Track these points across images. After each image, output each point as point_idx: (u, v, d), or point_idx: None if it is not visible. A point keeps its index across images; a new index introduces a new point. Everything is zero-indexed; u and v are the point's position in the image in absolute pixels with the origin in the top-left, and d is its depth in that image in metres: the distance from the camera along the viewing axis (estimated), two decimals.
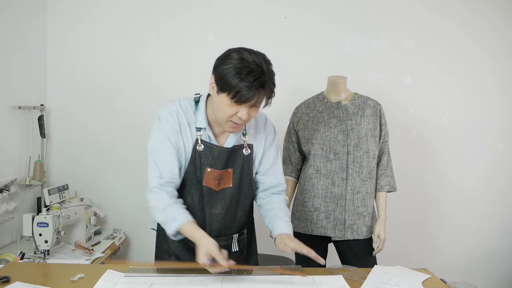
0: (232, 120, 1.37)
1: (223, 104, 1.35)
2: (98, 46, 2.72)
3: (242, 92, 1.29)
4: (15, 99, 2.44)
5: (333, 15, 2.71)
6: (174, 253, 1.56)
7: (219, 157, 1.47)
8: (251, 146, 1.53)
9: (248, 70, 1.28)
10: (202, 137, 1.46)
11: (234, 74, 1.28)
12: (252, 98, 1.31)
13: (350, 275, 1.49)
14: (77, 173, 2.75)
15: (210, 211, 1.50)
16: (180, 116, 1.46)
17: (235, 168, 1.51)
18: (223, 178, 1.50)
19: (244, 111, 1.34)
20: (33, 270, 1.54)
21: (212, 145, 1.47)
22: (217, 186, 1.49)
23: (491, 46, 2.73)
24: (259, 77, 1.29)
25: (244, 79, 1.28)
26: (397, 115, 2.69)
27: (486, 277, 2.84)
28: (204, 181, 1.47)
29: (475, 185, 2.80)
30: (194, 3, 2.70)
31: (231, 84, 1.29)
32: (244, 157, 1.52)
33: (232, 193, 1.52)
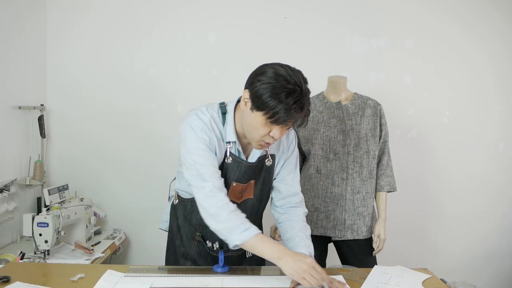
0: (264, 140, 1.32)
1: (257, 123, 1.29)
2: (98, 46, 2.72)
3: (280, 114, 1.23)
4: (15, 99, 2.44)
5: (333, 15, 2.71)
6: (192, 257, 1.55)
7: (246, 173, 1.44)
8: (273, 157, 1.49)
9: (287, 91, 1.22)
10: (231, 150, 1.41)
11: (273, 94, 1.22)
12: (290, 120, 1.25)
13: (350, 275, 1.49)
14: (77, 173, 2.75)
15: None
16: (213, 127, 1.39)
17: (257, 179, 1.49)
18: (246, 190, 1.49)
19: (278, 131, 1.29)
20: (33, 270, 1.53)
21: (241, 160, 1.43)
22: (239, 199, 1.48)
23: (491, 46, 2.73)
24: (299, 99, 1.23)
25: (283, 101, 1.22)
26: (397, 115, 2.69)
27: (486, 277, 2.84)
28: (229, 194, 1.40)
29: (475, 185, 2.80)
30: (194, 3, 2.70)
31: (269, 105, 1.23)
32: (266, 168, 1.49)
33: (253, 204, 1.52)
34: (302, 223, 1.50)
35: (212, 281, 1.38)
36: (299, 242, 1.41)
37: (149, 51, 2.73)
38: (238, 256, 1.59)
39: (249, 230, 1.30)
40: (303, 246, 1.39)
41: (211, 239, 1.53)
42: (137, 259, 2.84)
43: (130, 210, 2.77)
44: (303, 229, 1.48)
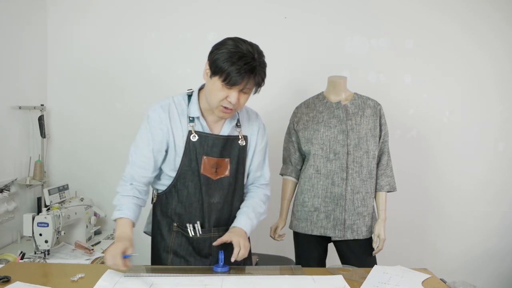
0: (222, 104, 1.43)
1: (214, 88, 1.41)
2: (98, 46, 2.72)
3: (232, 75, 1.36)
4: (15, 99, 2.44)
5: (333, 15, 2.71)
6: (172, 249, 1.58)
7: (214, 145, 1.52)
8: (246, 138, 1.59)
9: (239, 55, 1.36)
10: (196, 128, 1.51)
11: (227, 58, 1.36)
12: (241, 81, 1.37)
13: (350, 275, 1.49)
14: (77, 173, 2.74)
15: (209, 200, 1.53)
16: (171, 109, 1.53)
17: (231, 158, 1.55)
18: (220, 166, 1.53)
19: (234, 95, 1.40)
20: (33, 270, 1.54)
21: (207, 134, 1.51)
22: (215, 175, 1.53)
23: (491, 46, 2.73)
24: (250, 62, 1.36)
25: (235, 63, 1.36)
26: (397, 115, 2.69)
27: (486, 277, 2.84)
28: (202, 170, 1.51)
29: (475, 185, 2.80)
30: (194, 3, 2.70)
31: (223, 68, 1.37)
32: (240, 147, 1.57)
33: (230, 182, 1.56)
34: (257, 200, 1.62)
35: (212, 281, 1.38)
36: (244, 212, 1.56)
37: (149, 51, 2.73)
38: None
39: (118, 212, 1.50)
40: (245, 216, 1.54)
41: (190, 221, 1.55)
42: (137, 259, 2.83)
43: None
44: (255, 205, 1.59)
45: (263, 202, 1.63)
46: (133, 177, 1.52)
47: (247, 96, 1.46)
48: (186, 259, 1.57)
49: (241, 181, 1.61)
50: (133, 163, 1.53)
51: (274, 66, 2.69)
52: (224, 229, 1.57)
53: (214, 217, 1.55)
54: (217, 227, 1.56)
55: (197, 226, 1.54)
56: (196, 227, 1.54)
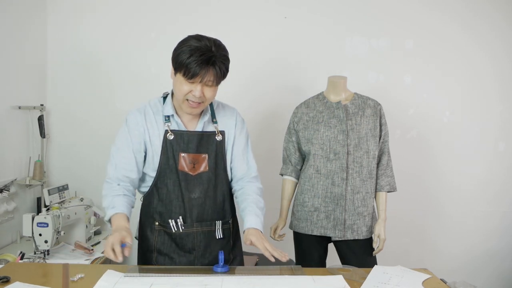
0: (188, 98, 1.48)
1: (178, 83, 1.47)
2: (98, 46, 2.72)
3: (190, 67, 1.42)
4: (15, 99, 2.44)
5: (333, 15, 2.71)
6: (155, 247, 1.61)
7: (190, 141, 1.55)
8: (223, 133, 1.61)
9: (197, 49, 1.43)
10: (171, 127, 1.55)
11: (185, 53, 1.43)
12: (199, 73, 1.42)
13: (350, 275, 1.49)
14: (77, 173, 2.74)
15: (189, 195, 1.55)
16: (146, 111, 1.58)
17: (209, 153, 1.57)
18: (198, 162, 1.56)
19: (197, 88, 1.45)
20: (33, 270, 1.54)
21: (183, 132, 1.55)
22: (193, 170, 1.55)
23: (491, 46, 2.73)
24: (206, 53, 1.42)
25: (192, 55, 1.42)
26: (397, 115, 2.69)
27: (486, 277, 2.84)
28: (179, 166, 1.54)
29: (475, 185, 2.80)
30: (194, 3, 2.70)
31: (182, 62, 1.43)
32: (217, 142, 1.59)
33: (209, 177, 1.57)
34: (255, 195, 1.61)
35: (212, 281, 1.38)
36: (250, 211, 1.54)
37: (149, 51, 2.73)
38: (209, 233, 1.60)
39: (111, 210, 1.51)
40: (253, 214, 1.53)
41: (173, 217, 1.56)
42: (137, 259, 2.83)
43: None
44: (255, 201, 1.59)
45: (260, 196, 1.64)
46: (119, 178, 1.55)
47: (212, 88, 1.49)
48: (170, 256, 1.59)
49: (223, 175, 1.61)
50: (115, 165, 1.57)
51: (274, 66, 2.73)
52: (208, 223, 1.58)
53: (195, 212, 1.56)
54: (200, 221, 1.57)
55: (179, 221, 1.56)
56: (179, 222, 1.56)
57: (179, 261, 1.58)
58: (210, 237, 1.59)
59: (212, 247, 1.59)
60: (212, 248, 1.59)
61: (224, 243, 1.62)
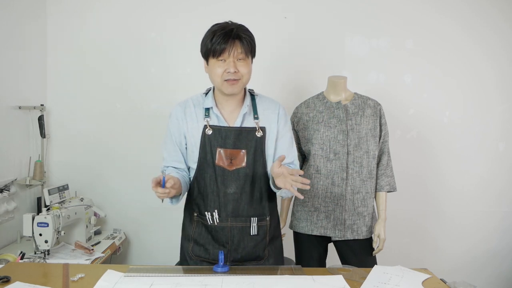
0: (224, 78, 1.51)
1: (212, 68, 1.53)
2: (98, 46, 2.72)
3: (215, 46, 1.48)
4: (15, 99, 2.44)
5: (333, 15, 2.71)
6: (193, 237, 1.64)
7: (227, 137, 1.56)
8: (263, 129, 1.60)
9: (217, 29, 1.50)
10: (211, 122, 1.58)
11: (208, 37, 1.51)
12: (225, 47, 1.48)
13: (350, 275, 1.49)
14: (77, 173, 2.74)
15: (225, 190, 1.57)
16: (187, 104, 1.63)
17: (248, 149, 1.58)
18: (235, 158, 1.57)
19: (231, 64, 1.49)
20: (33, 270, 1.54)
21: (221, 127, 1.58)
22: (230, 166, 1.57)
23: (491, 46, 2.73)
24: (226, 29, 1.49)
25: (215, 35, 1.49)
26: (397, 115, 2.69)
27: (486, 277, 2.84)
28: (216, 161, 1.56)
29: (475, 185, 2.80)
30: (194, 3, 2.70)
31: (208, 46, 1.50)
32: (257, 139, 1.58)
33: (246, 173, 1.58)
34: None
35: (212, 281, 1.38)
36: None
37: (149, 51, 2.73)
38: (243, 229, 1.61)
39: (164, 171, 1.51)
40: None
41: (209, 210, 1.59)
42: (137, 259, 2.84)
43: (130, 210, 2.77)
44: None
45: None
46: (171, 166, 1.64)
47: (245, 63, 1.53)
48: (205, 248, 1.61)
49: (261, 172, 1.60)
50: (165, 159, 1.66)
51: (274, 66, 2.73)
52: (243, 219, 1.59)
53: (230, 206, 1.58)
54: (235, 217, 1.58)
55: (215, 214, 1.58)
56: (214, 215, 1.58)
57: (213, 252, 1.59)
58: (244, 232, 1.59)
59: (246, 242, 1.60)
60: (246, 243, 1.60)
61: (258, 240, 1.62)
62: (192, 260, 1.63)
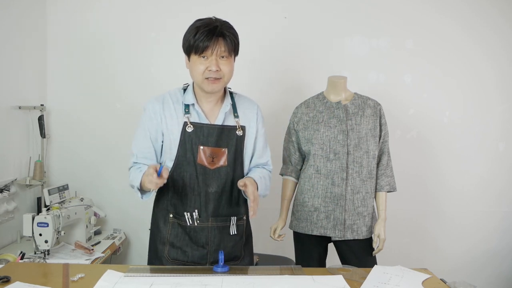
0: (205, 76, 1.48)
1: (193, 64, 1.50)
2: (98, 46, 2.72)
3: (199, 42, 1.44)
4: (15, 99, 2.44)
5: (333, 15, 2.71)
6: (168, 240, 1.57)
7: (210, 135, 1.53)
8: (243, 128, 1.59)
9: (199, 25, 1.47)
10: (191, 119, 1.54)
11: (191, 33, 1.48)
12: (209, 45, 1.44)
13: (350, 275, 1.49)
14: (77, 173, 2.74)
15: (207, 189, 1.54)
16: (165, 99, 1.58)
17: (229, 147, 1.56)
18: (217, 156, 1.54)
19: (213, 62, 1.46)
20: (33, 270, 1.54)
21: (202, 124, 1.54)
22: (212, 164, 1.54)
23: (491, 46, 2.73)
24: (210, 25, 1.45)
25: (198, 31, 1.46)
26: (397, 115, 2.69)
27: (486, 277, 2.84)
28: (198, 160, 1.52)
29: (475, 185, 2.80)
30: (194, 3, 2.70)
31: (191, 42, 1.47)
32: (237, 137, 1.57)
33: (227, 172, 1.56)
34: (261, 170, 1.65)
35: (212, 281, 1.38)
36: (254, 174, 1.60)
37: (149, 50, 2.73)
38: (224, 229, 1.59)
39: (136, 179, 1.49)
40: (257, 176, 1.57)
41: (188, 210, 1.55)
42: (137, 259, 2.84)
43: (130, 210, 2.77)
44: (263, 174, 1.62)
45: (269, 178, 1.65)
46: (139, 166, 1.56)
47: (227, 61, 1.49)
48: (182, 250, 1.56)
49: (240, 171, 1.59)
50: (135, 155, 1.58)
51: (274, 66, 2.73)
52: (223, 219, 1.57)
53: (211, 206, 1.55)
54: (215, 216, 1.56)
55: (195, 214, 1.54)
56: (194, 216, 1.54)
57: (192, 255, 1.56)
58: (224, 232, 1.58)
59: (226, 242, 1.58)
60: (226, 243, 1.57)
61: (237, 239, 1.61)
62: (169, 263, 1.57)
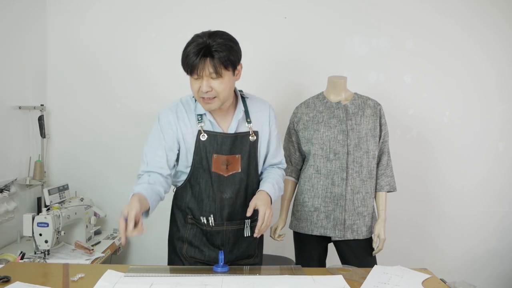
0: (200, 96, 1.47)
1: (190, 83, 1.48)
2: (98, 46, 2.72)
3: (188, 62, 1.41)
4: (15, 99, 2.44)
5: (333, 15, 2.71)
6: (187, 239, 1.63)
7: (223, 143, 1.54)
8: (256, 133, 1.60)
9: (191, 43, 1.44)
10: (205, 127, 1.54)
11: (184, 52, 1.45)
12: (195, 66, 1.40)
13: (350, 275, 1.49)
14: (77, 173, 2.74)
15: (221, 196, 1.57)
16: (179, 108, 1.58)
17: (242, 154, 1.57)
18: (231, 163, 1.56)
19: (203, 83, 1.43)
20: (33, 270, 1.54)
21: (216, 133, 1.55)
22: (226, 172, 1.56)
23: (491, 46, 2.73)
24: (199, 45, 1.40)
25: (186, 51, 1.43)
26: (397, 115, 2.69)
27: (486, 277, 2.84)
28: (213, 168, 1.54)
29: (475, 185, 2.80)
30: (194, 3, 2.70)
31: (182, 61, 1.45)
32: (250, 143, 1.58)
33: (241, 178, 1.58)
34: (277, 176, 1.67)
35: (212, 281, 1.38)
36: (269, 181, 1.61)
37: (149, 51, 2.72)
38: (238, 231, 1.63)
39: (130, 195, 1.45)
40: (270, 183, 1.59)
41: (204, 215, 1.59)
42: (137, 259, 2.84)
43: None
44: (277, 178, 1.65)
45: (282, 178, 1.69)
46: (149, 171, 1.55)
47: (219, 81, 1.44)
48: (200, 249, 1.62)
49: (254, 175, 1.62)
50: (147, 163, 1.56)
51: (274, 66, 2.73)
52: (238, 222, 1.61)
53: (226, 211, 1.59)
54: (230, 220, 1.60)
55: (210, 219, 1.58)
56: (210, 220, 1.58)
57: (208, 254, 1.61)
58: (238, 234, 1.62)
59: (240, 243, 1.64)
60: (240, 244, 1.63)
61: (251, 240, 1.66)
62: (187, 261, 1.64)
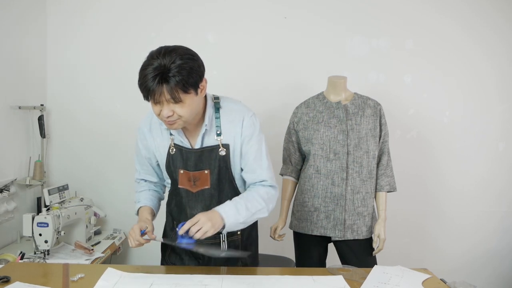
0: (162, 119, 1.37)
1: (151, 106, 1.36)
2: (98, 46, 2.72)
3: (145, 88, 1.29)
4: (15, 99, 2.44)
5: (333, 15, 2.71)
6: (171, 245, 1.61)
7: (188, 159, 1.48)
8: (227, 146, 1.47)
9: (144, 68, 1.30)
10: (175, 141, 1.50)
11: (139, 75, 1.32)
12: (151, 93, 1.28)
13: (350, 275, 1.49)
14: (77, 173, 2.75)
15: (191, 212, 1.51)
16: (153, 121, 1.53)
17: (211, 169, 1.47)
18: (199, 179, 1.49)
19: (164, 109, 1.31)
20: (33, 270, 1.54)
21: (182, 147, 1.49)
22: (193, 188, 1.50)
23: (491, 46, 2.73)
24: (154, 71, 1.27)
25: (141, 78, 1.31)
26: (397, 115, 2.69)
27: (486, 277, 2.84)
28: (179, 183, 1.52)
29: (475, 185, 2.80)
30: (194, 3, 2.70)
31: (139, 85, 1.32)
32: (220, 158, 1.47)
33: (211, 194, 1.50)
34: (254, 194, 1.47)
35: (212, 281, 1.38)
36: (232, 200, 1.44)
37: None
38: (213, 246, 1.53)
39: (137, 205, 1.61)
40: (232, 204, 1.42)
41: None
42: (137, 259, 2.84)
43: (130, 210, 2.73)
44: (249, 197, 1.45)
45: (262, 199, 1.46)
46: (143, 179, 1.67)
47: (183, 104, 1.30)
48: (180, 257, 1.61)
49: (228, 191, 1.51)
50: (139, 171, 1.67)
51: (274, 66, 2.73)
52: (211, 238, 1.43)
53: None
54: None
55: None
56: None
57: (188, 263, 1.60)
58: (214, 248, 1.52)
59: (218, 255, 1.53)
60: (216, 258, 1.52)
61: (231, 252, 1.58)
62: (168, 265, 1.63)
